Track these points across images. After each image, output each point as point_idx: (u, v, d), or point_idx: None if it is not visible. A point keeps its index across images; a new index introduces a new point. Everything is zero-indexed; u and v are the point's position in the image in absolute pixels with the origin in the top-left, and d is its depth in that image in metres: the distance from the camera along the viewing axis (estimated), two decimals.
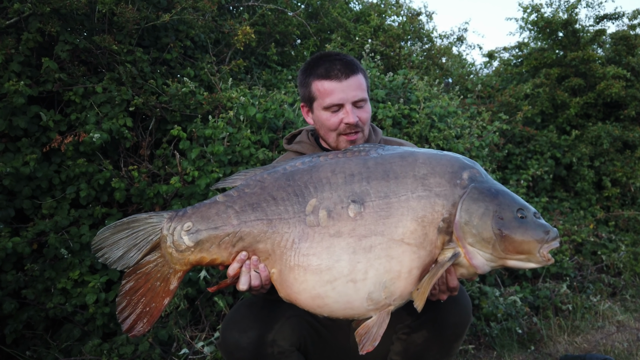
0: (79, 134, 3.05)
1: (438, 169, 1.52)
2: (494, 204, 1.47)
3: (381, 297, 1.45)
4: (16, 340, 2.88)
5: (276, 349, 1.69)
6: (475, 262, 1.48)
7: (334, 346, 1.88)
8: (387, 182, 1.50)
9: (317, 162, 1.58)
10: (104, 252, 1.53)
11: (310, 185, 1.52)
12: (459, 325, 1.76)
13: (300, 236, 1.48)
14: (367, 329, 1.48)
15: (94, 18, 3.43)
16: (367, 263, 1.43)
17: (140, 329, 1.52)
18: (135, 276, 1.54)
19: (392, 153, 1.58)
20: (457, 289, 1.55)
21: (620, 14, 6.80)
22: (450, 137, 4.05)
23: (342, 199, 1.49)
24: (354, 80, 1.83)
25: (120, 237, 1.53)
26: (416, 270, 1.45)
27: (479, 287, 3.72)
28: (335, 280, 1.44)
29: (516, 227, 1.45)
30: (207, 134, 3.20)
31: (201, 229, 1.53)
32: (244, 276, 1.51)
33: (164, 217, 1.56)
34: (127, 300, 1.52)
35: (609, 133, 5.92)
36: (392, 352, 1.83)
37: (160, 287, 1.54)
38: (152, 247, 1.55)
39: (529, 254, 1.46)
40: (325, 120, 1.85)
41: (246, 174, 1.61)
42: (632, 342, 3.50)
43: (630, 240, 5.41)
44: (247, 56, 4.75)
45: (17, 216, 3.06)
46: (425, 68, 6.05)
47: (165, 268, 1.55)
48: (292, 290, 1.49)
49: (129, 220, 1.55)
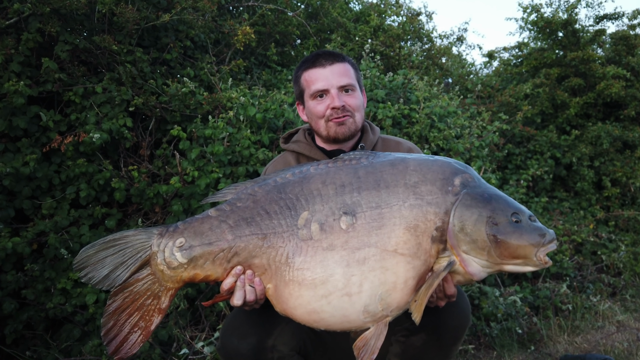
0: (79, 134, 3.05)
1: (429, 176, 1.48)
2: (488, 209, 1.44)
3: (378, 310, 1.43)
4: (16, 341, 2.88)
5: (276, 354, 1.68)
6: (470, 270, 1.45)
7: (334, 348, 1.88)
8: (378, 192, 1.46)
9: (308, 173, 1.53)
10: (88, 272, 1.45)
11: (301, 197, 1.49)
12: (458, 328, 1.75)
13: (294, 250, 1.44)
14: (365, 341, 1.46)
15: (93, 18, 3.43)
16: (361, 276, 1.40)
17: (128, 351, 1.45)
18: (122, 295, 1.46)
19: (383, 161, 1.54)
20: (454, 296, 1.54)
21: (620, 14, 6.81)
22: (450, 137, 4.05)
23: (333, 211, 1.45)
24: (338, 67, 1.85)
25: (105, 255, 1.46)
26: (412, 280, 1.43)
27: (479, 287, 3.72)
28: (330, 294, 1.41)
29: (511, 232, 1.42)
30: (207, 134, 3.21)
31: (195, 244, 1.47)
32: (239, 291, 1.47)
33: (153, 233, 1.49)
34: (114, 321, 1.45)
35: (608, 133, 5.92)
36: (390, 353, 1.83)
37: (151, 306, 1.47)
38: (140, 265, 1.48)
39: (526, 258, 1.43)
40: (313, 108, 1.87)
41: (236, 187, 1.57)
42: (632, 342, 3.50)
43: (630, 240, 5.40)
44: (247, 56, 4.75)
45: (17, 216, 3.06)
46: (425, 68, 6.05)
47: (156, 286, 1.48)
48: (287, 305, 1.46)
49: (115, 237, 1.48)
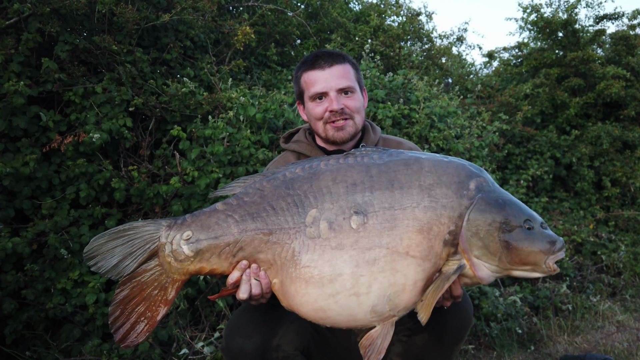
0: (79, 134, 3.05)
1: (444, 179, 1.47)
2: (501, 215, 1.44)
3: (385, 310, 1.42)
4: (16, 341, 2.88)
5: (281, 353, 1.68)
6: (480, 274, 1.46)
7: (336, 347, 1.88)
8: (392, 192, 1.45)
9: (318, 169, 1.52)
10: (97, 261, 1.48)
11: (310, 194, 1.47)
12: (460, 328, 1.76)
13: (301, 248, 1.43)
14: (371, 340, 1.46)
15: (93, 18, 3.43)
16: (370, 276, 1.40)
17: (134, 340, 1.47)
18: (131, 284, 1.49)
19: (396, 160, 1.51)
20: (460, 297, 1.54)
21: (620, 14, 6.82)
22: (450, 137, 4.05)
23: (343, 209, 1.44)
24: (338, 69, 1.84)
25: (115, 245, 1.48)
26: (421, 282, 1.42)
27: (479, 287, 3.72)
28: (337, 293, 1.41)
29: (523, 238, 1.43)
30: (207, 134, 3.20)
31: (201, 238, 1.49)
32: (244, 285, 1.48)
33: (162, 225, 1.51)
34: (121, 310, 1.47)
35: (608, 133, 5.92)
36: (392, 352, 1.83)
37: (157, 297, 1.50)
38: (148, 256, 1.50)
39: (535, 265, 1.44)
40: (312, 110, 1.88)
41: (245, 181, 1.57)
42: (632, 342, 3.50)
43: (630, 240, 5.40)
44: (247, 56, 4.75)
45: (17, 216, 3.06)
46: (425, 68, 6.05)
47: (163, 277, 1.50)
48: (294, 302, 1.46)
49: (125, 227, 1.50)
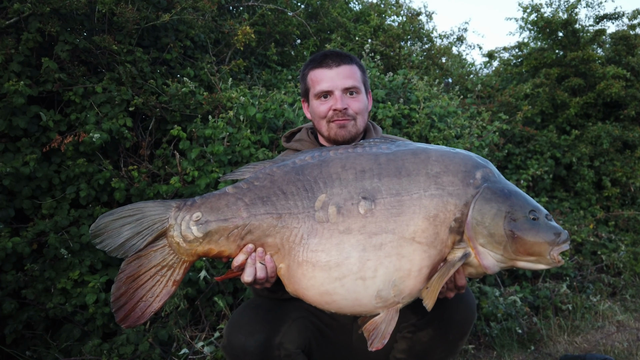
0: (79, 134, 3.05)
1: (451, 168, 1.50)
2: (507, 204, 1.46)
3: (390, 295, 1.45)
4: (16, 340, 2.88)
5: (283, 351, 1.68)
6: (485, 263, 1.47)
7: (337, 345, 1.88)
8: (399, 179, 1.48)
9: (327, 157, 1.55)
10: (104, 238, 1.46)
11: (319, 180, 1.50)
12: (465, 322, 1.77)
13: (310, 232, 1.46)
14: (375, 325, 1.47)
15: (93, 18, 3.43)
16: (377, 261, 1.42)
17: (136, 320, 1.45)
18: (137, 262, 1.47)
19: (404, 149, 1.55)
20: (464, 287, 1.56)
21: (620, 14, 6.81)
22: (450, 137, 4.05)
23: (352, 195, 1.47)
24: (345, 69, 1.85)
25: (122, 223, 1.47)
26: (426, 269, 1.45)
27: (479, 287, 3.72)
28: (344, 277, 1.43)
29: (528, 228, 1.44)
30: (207, 134, 3.21)
31: (210, 220, 1.49)
32: (249, 268, 1.49)
33: (171, 206, 1.51)
34: (125, 288, 1.45)
35: (608, 133, 5.92)
36: (395, 349, 1.83)
37: (164, 277, 1.48)
38: (157, 236, 1.49)
39: (540, 255, 1.45)
40: (316, 108, 1.88)
41: (255, 166, 1.59)
42: (632, 342, 3.50)
43: (630, 240, 5.40)
44: (247, 56, 4.75)
45: (17, 216, 3.06)
46: (425, 68, 6.05)
47: (171, 257, 1.50)
48: (299, 285, 1.48)
49: (134, 206, 1.49)
